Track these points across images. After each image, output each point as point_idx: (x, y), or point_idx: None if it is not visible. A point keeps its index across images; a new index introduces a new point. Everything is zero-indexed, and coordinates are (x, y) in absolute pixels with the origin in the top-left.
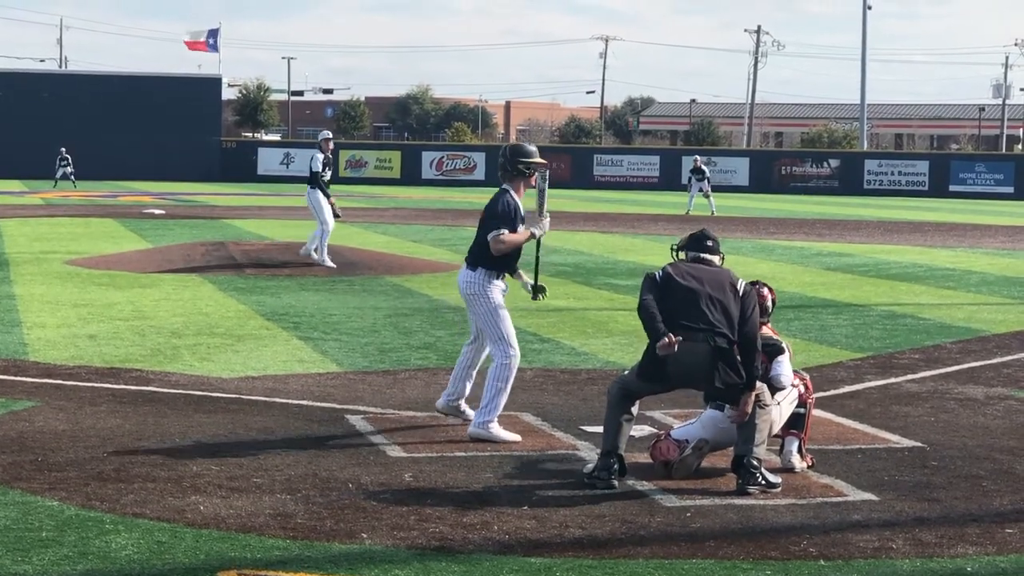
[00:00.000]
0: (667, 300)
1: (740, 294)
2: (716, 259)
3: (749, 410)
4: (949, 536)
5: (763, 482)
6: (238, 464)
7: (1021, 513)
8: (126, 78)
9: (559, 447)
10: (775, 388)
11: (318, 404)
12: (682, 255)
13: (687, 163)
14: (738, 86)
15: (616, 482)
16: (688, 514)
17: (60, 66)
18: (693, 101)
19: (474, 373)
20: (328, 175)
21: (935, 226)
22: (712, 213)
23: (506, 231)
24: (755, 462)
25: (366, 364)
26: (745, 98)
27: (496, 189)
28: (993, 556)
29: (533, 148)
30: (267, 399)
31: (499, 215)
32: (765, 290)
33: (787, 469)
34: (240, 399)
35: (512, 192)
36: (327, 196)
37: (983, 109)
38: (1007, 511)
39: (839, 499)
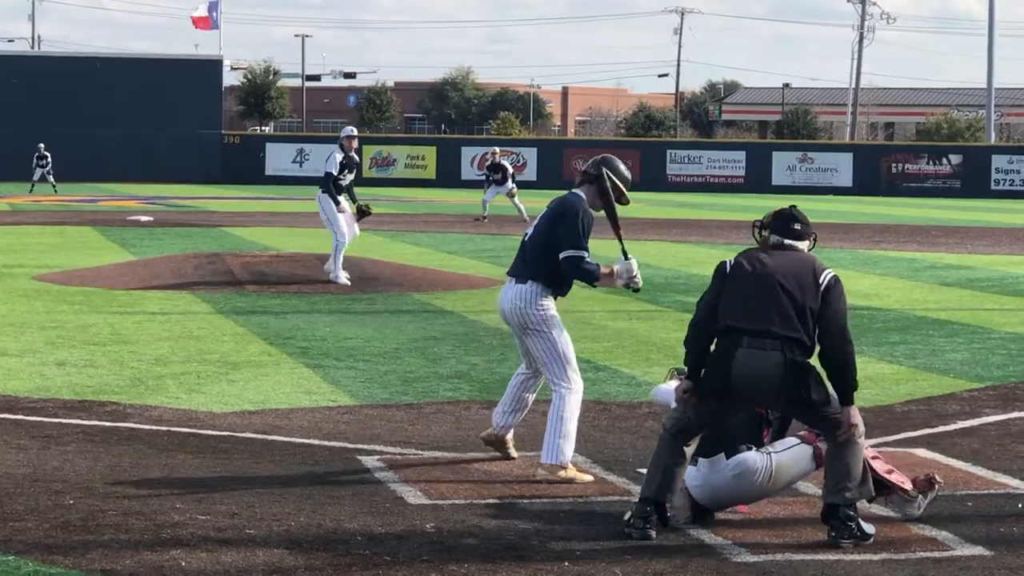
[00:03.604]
0: (734, 295)
1: (823, 287)
2: (804, 245)
3: (857, 423)
4: None
5: (858, 534)
6: (228, 513)
7: None
8: (109, 61)
9: (611, 493)
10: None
11: (326, 443)
12: (763, 235)
13: (779, 160)
14: (840, 67)
15: (654, 532)
16: (763, 572)
17: (32, 47)
18: (786, 86)
19: (530, 400)
20: (349, 179)
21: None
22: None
23: (590, 260)
24: (851, 512)
25: (386, 396)
26: (848, 82)
27: (563, 192)
28: None
29: (628, 175)
30: (265, 437)
31: (582, 231)
32: None
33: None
34: (233, 437)
35: (587, 202)
36: (337, 202)
37: None
38: None
39: (943, 554)
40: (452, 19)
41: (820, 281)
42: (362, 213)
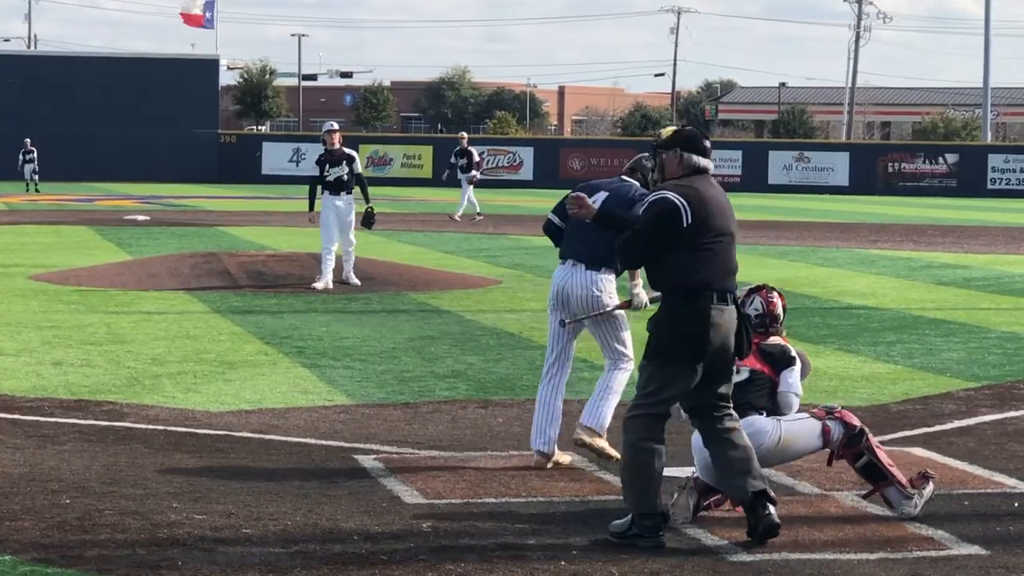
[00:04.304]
0: (699, 244)
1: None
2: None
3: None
4: None
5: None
6: (225, 512)
7: None
8: (105, 60)
9: (607, 492)
10: (782, 410)
11: (322, 442)
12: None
13: (776, 159)
14: (836, 67)
15: (664, 539)
16: (759, 571)
17: (28, 46)
18: (783, 85)
19: (560, 406)
20: (335, 174)
21: None
22: (468, 215)
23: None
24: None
25: (382, 396)
26: (844, 81)
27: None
28: None
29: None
30: (262, 436)
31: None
32: (775, 295)
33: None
34: (230, 436)
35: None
36: (311, 206)
37: None
38: None
39: (940, 553)
40: (448, 19)
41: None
42: (368, 218)
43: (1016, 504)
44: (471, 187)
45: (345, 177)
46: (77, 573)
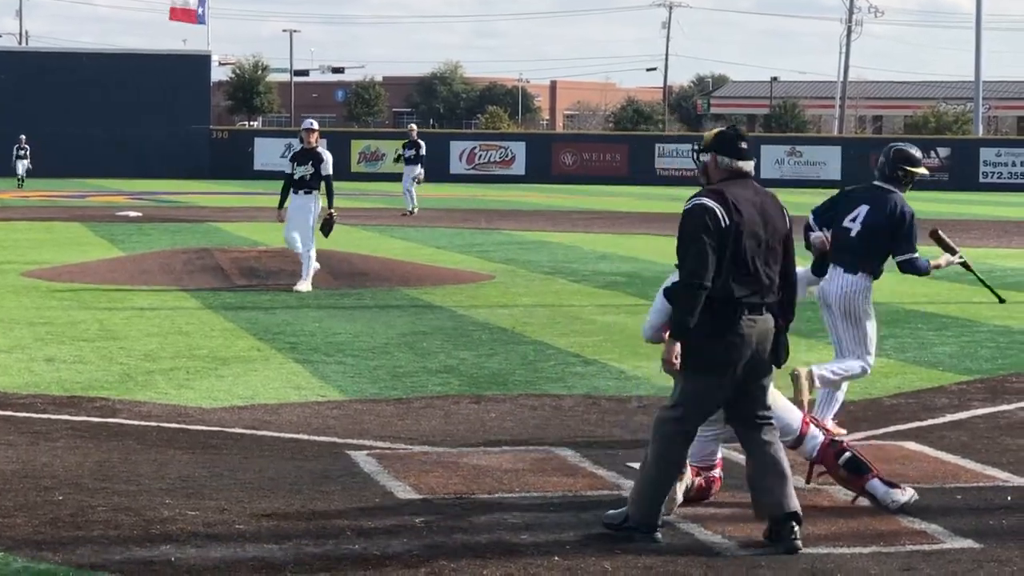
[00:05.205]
0: (735, 252)
1: (790, 223)
2: (751, 167)
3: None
4: None
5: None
6: (218, 508)
7: None
8: (97, 56)
9: (600, 487)
10: None
11: (315, 438)
12: (705, 158)
13: (768, 153)
14: (828, 61)
15: (660, 534)
16: (753, 565)
17: (19, 42)
18: (774, 79)
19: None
20: (300, 173)
21: None
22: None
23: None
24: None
25: (375, 391)
26: (836, 76)
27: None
28: None
29: (919, 155)
30: (254, 432)
31: (915, 233)
32: None
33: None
34: (223, 432)
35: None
36: (281, 204)
37: None
38: None
39: (933, 547)
40: (440, 14)
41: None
42: (325, 225)
43: (1009, 498)
44: (415, 183)
45: (308, 177)
46: (70, 569)
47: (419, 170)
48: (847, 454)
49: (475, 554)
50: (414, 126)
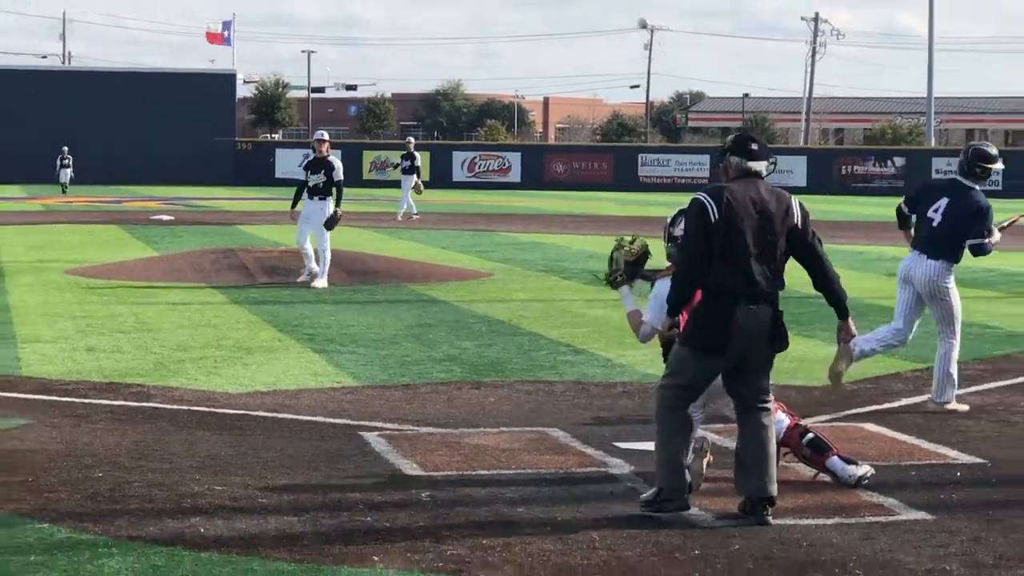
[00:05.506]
0: (726, 246)
1: (798, 219)
2: (764, 168)
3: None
4: (1008, 557)
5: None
6: (242, 484)
7: None
8: (133, 75)
9: (589, 465)
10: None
11: (331, 420)
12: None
13: None
14: (795, 79)
15: (689, 500)
16: (727, 535)
17: (63, 62)
18: (746, 95)
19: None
20: (314, 181)
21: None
22: (406, 214)
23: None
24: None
25: (385, 378)
26: (803, 92)
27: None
28: None
29: (995, 152)
30: (276, 415)
31: (988, 222)
32: None
33: (853, 484)
34: (247, 415)
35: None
36: (293, 204)
37: None
38: None
39: (890, 519)
40: (444, 36)
41: (793, 211)
42: (330, 220)
43: (958, 474)
44: (412, 191)
45: (321, 184)
46: (109, 539)
47: (415, 179)
48: (810, 435)
49: (475, 525)
50: (412, 139)
